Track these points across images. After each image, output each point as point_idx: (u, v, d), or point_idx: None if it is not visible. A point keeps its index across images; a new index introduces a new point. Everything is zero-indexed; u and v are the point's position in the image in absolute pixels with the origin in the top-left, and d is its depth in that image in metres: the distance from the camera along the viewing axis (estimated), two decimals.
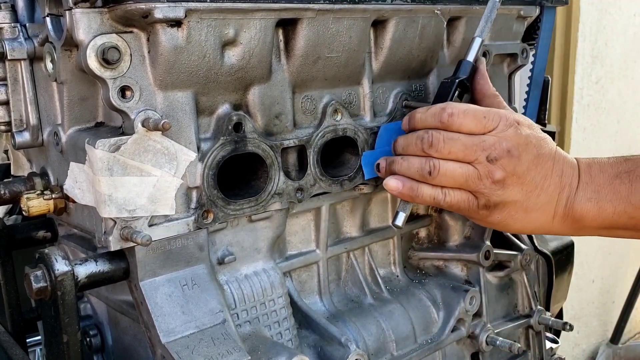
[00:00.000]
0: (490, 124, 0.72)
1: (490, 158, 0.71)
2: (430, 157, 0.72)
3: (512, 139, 0.72)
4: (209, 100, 0.69)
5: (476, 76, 0.80)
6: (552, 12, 1.02)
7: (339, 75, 0.78)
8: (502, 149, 0.71)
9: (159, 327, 0.65)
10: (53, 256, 0.63)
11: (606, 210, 0.74)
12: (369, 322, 0.84)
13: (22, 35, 0.69)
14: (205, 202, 0.68)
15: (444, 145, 0.72)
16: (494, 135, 0.72)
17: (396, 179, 0.74)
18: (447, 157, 0.72)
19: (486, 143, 0.71)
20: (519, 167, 0.72)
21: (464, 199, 0.74)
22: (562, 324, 0.98)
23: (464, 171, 0.72)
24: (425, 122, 0.74)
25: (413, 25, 0.81)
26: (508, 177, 0.72)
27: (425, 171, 0.72)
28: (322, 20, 0.72)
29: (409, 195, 0.74)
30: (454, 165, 0.72)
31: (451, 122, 0.72)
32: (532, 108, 1.05)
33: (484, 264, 0.92)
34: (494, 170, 0.72)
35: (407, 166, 0.74)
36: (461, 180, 0.72)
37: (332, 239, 0.86)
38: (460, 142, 0.71)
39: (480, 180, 0.72)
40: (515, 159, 0.72)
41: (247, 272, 0.76)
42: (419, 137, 0.73)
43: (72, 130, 0.68)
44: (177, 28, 0.62)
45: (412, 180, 0.74)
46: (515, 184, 0.73)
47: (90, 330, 0.84)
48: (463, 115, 0.72)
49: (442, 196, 0.73)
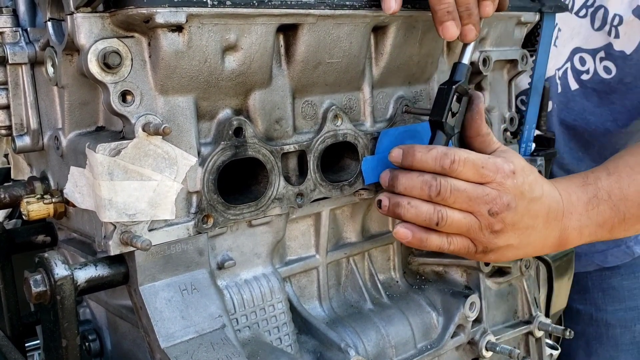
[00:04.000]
0: (488, 176, 0.77)
1: (492, 212, 0.77)
2: (436, 205, 0.76)
3: (510, 192, 0.77)
4: (210, 105, 0.69)
5: (472, 112, 0.81)
6: (552, 18, 1.03)
7: (340, 80, 0.78)
8: (502, 203, 0.77)
9: (158, 331, 0.65)
10: (53, 260, 0.63)
11: (584, 235, 0.87)
12: (368, 328, 0.84)
13: (23, 39, 0.70)
14: (205, 207, 0.68)
15: (450, 196, 0.75)
16: (494, 188, 0.77)
17: (405, 228, 0.78)
18: (451, 206, 0.76)
19: (488, 197, 0.76)
20: (515, 217, 0.78)
21: (465, 246, 0.80)
22: (562, 330, 0.98)
23: (468, 222, 0.77)
24: (426, 164, 0.77)
25: (413, 31, 0.81)
26: (505, 227, 0.78)
27: (434, 222, 0.76)
28: (323, 26, 0.72)
29: (417, 244, 0.79)
30: (459, 215, 0.77)
31: (452, 169, 0.75)
32: (531, 114, 1.06)
33: (483, 270, 0.92)
34: (494, 223, 0.77)
35: (414, 214, 0.77)
36: (464, 229, 0.78)
37: (332, 244, 0.86)
38: (466, 194, 0.76)
39: (480, 230, 0.78)
40: (512, 210, 0.78)
41: (247, 277, 0.76)
42: (425, 183, 0.76)
43: (73, 135, 0.68)
44: (178, 33, 0.62)
45: (420, 230, 0.78)
46: (510, 231, 0.79)
47: (89, 334, 0.84)
48: (463, 164, 0.76)
49: (447, 245, 0.79)
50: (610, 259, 1.30)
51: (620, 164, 0.93)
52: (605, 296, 1.32)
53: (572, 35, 1.14)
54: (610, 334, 1.32)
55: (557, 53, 1.14)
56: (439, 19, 0.74)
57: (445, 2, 0.73)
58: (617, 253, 1.30)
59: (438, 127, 0.80)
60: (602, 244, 1.29)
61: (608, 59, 1.12)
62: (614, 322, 1.32)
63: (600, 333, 1.33)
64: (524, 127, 1.05)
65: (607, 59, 1.12)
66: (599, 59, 1.12)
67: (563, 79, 1.16)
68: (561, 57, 1.15)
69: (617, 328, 1.32)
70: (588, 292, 1.33)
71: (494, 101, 1.00)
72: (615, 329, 1.32)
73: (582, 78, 1.14)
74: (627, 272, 1.32)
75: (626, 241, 1.30)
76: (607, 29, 1.10)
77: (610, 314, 1.32)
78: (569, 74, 1.15)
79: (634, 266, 1.32)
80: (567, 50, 1.15)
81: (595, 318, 1.33)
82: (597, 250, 1.30)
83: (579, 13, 1.13)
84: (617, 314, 1.32)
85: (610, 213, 0.88)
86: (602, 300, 1.32)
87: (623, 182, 0.89)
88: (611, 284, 1.32)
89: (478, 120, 0.81)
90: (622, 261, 1.31)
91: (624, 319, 1.32)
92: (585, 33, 1.13)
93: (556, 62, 1.15)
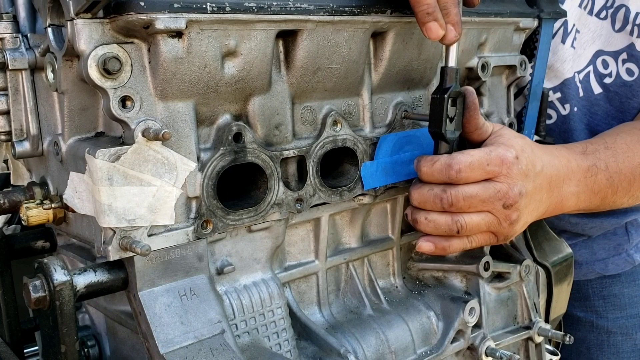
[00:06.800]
0: (494, 171, 0.79)
1: (507, 205, 0.80)
2: (453, 215, 0.79)
3: (518, 179, 0.80)
4: (209, 111, 0.69)
5: (469, 109, 0.81)
6: (550, 24, 1.03)
7: (339, 86, 0.78)
8: (514, 194, 0.79)
9: (157, 337, 0.65)
10: (52, 266, 0.63)
11: (580, 200, 0.91)
12: (368, 333, 0.83)
13: (23, 45, 0.70)
14: (204, 212, 0.68)
15: (463, 203, 0.78)
16: (503, 181, 0.79)
17: (427, 241, 0.81)
18: (467, 211, 0.79)
19: (500, 193, 0.79)
20: (527, 200, 0.82)
21: (486, 239, 0.83)
22: (561, 336, 0.98)
23: (486, 221, 0.80)
24: (432, 177, 0.79)
25: (412, 36, 0.81)
26: (521, 213, 0.82)
27: (454, 231, 0.79)
28: (322, 32, 0.72)
29: (441, 252, 0.82)
30: (476, 218, 0.80)
31: (459, 178, 0.77)
32: (530, 120, 1.06)
33: (483, 275, 0.92)
34: (511, 214, 0.81)
35: (434, 227, 0.80)
36: (484, 228, 0.81)
37: (332, 249, 0.86)
38: (479, 198, 0.78)
39: (500, 224, 0.81)
40: (524, 196, 0.81)
41: (246, 282, 0.76)
42: (436, 197, 0.78)
43: (72, 140, 0.68)
44: (178, 39, 0.62)
45: (441, 240, 0.81)
46: (525, 213, 0.83)
47: (88, 340, 0.84)
48: (469, 169, 0.77)
49: (470, 244, 0.82)
50: (611, 267, 1.30)
51: (618, 140, 0.98)
52: (606, 304, 1.32)
53: (594, 37, 1.12)
54: (612, 341, 1.32)
55: (577, 55, 1.12)
56: (420, 21, 0.74)
57: (424, 3, 0.72)
58: (617, 261, 1.30)
59: (439, 137, 0.80)
60: (603, 252, 1.29)
61: (630, 61, 1.11)
62: (615, 329, 1.32)
63: (601, 340, 1.33)
64: (522, 133, 1.05)
65: (629, 61, 1.11)
66: (622, 61, 1.12)
67: (585, 82, 1.14)
68: (582, 60, 1.13)
69: (619, 335, 1.32)
70: (589, 299, 1.33)
71: (493, 106, 1.00)
72: (616, 337, 1.32)
73: (605, 82, 1.13)
74: (627, 279, 1.32)
75: (627, 249, 1.29)
76: (629, 29, 1.09)
77: (612, 321, 1.32)
78: (592, 78, 1.14)
79: (634, 274, 1.32)
80: (588, 53, 1.13)
81: (597, 325, 1.33)
82: (598, 258, 1.29)
83: (600, 15, 1.11)
84: (618, 322, 1.32)
85: (605, 183, 0.93)
86: (603, 307, 1.32)
87: (619, 157, 0.95)
88: (612, 291, 1.32)
89: (475, 116, 0.81)
90: (623, 269, 1.30)
91: (625, 327, 1.31)
92: (606, 35, 1.11)
93: (575, 64, 1.13)
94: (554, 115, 1.16)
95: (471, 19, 0.87)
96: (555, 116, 1.16)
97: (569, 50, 1.10)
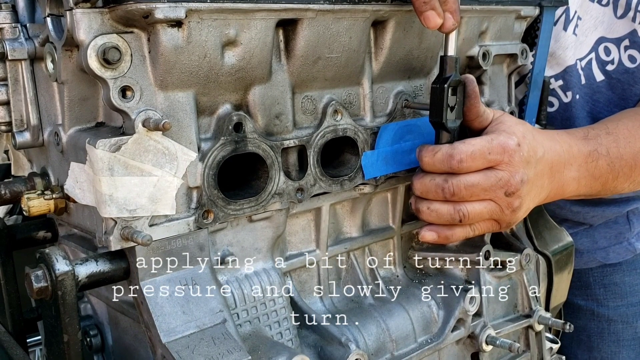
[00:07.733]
0: (496, 160, 0.79)
1: (509, 193, 0.80)
2: (455, 204, 0.79)
3: (520, 166, 0.80)
4: (210, 100, 0.69)
5: (469, 97, 0.81)
6: (552, 12, 1.02)
7: (339, 75, 0.78)
8: (516, 182, 0.79)
9: (159, 326, 0.65)
10: (54, 256, 0.63)
11: (581, 185, 0.91)
12: (369, 322, 0.84)
13: (22, 35, 0.70)
14: (205, 202, 0.68)
15: (465, 193, 0.78)
16: (505, 169, 0.79)
17: (430, 230, 0.82)
18: (469, 200, 0.79)
19: (502, 181, 0.79)
20: (529, 187, 0.82)
21: (489, 227, 0.84)
22: (562, 324, 0.98)
23: (489, 209, 0.80)
24: (434, 167, 0.79)
25: (413, 25, 0.81)
26: (523, 199, 0.82)
27: (456, 220, 0.80)
28: (322, 21, 0.72)
29: (444, 241, 0.83)
30: (479, 206, 0.80)
31: (460, 167, 0.77)
32: (531, 108, 1.05)
33: (483, 264, 0.93)
34: (513, 201, 0.81)
35: (436, 217, 0.81)
36: (486, 216, 0.81)
37: (332, 239, 0.86)
38: (480, 187, 0.78)
39: (502, 212, 0.81)
40: (525, 183, 0.81)
41: (248, 272, 0.76)
42: (438, 187, 0.79)
43: (73, 130, 0.68)
44: (177, 28, 0.62)
45: (444, 229, 0.82)
46: (527, 199, 0.83)
47: (90, 330, 0.84)
48: (471, 159, 0.77)
49: (472, 232, 0.83)
50: (612, 255, 1.30)
51: (620, 125, 0.98)
52: (607, 292, 1.32)
53: (596, 24, 1.12)
54: (612, 329, 1.32)
55: (578, 42, 1.12)
56: (418, 9, 0.74)
57: None
58: (618, 250, 1.30)
59: (440, 127, 0.80)
60: (604, 240, 1.29)
61: (633, 47, 1.10)
62: (615, 317, 1.32)
63: (601, 328, 1.33)
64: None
65: (631, 47, 1.10)
66: (624, 48, 1.11)
67: (587, 69, 1.13)
68: (584, 46, 1.12)
69: (619, 324, 1.32)
70: (590, 287, 1.33)
71: (494, 95, 1.00)
72: (617, 325, 1.32)
73: (607, 69, 1.12)
74: (628, 268, 1.32)
75: (628, 238, 1.30)
76: (631, 15, 1.08)
77: (612, 309, 1.32)
78: (594, 65, 1.13)
79: (635, 262, 1.32)
80: (590, 40, 1.12)
81: (597, 314, 1.33)
82: (599, 247, 1.30)
83: (602, 1, 1.10)
84: (618, 310, 1.32)
85: (606, 169, 0.93)
86: (604, 296, 1.33)
87: (620, 143, 0.95)
88: (613, 280, 1.32)
89: (475, 104, 0.81)
90: (624, 258, 1.30)
91: (625, 315, 1.32)
92: (608, 22, 1.11)
93: (577, 51, 1.12)
94: (556, 103, 1.15)
95: (472, 7, 0.86)
96: (557, 104, 1.15)
97: (571, 37, 1.10)
